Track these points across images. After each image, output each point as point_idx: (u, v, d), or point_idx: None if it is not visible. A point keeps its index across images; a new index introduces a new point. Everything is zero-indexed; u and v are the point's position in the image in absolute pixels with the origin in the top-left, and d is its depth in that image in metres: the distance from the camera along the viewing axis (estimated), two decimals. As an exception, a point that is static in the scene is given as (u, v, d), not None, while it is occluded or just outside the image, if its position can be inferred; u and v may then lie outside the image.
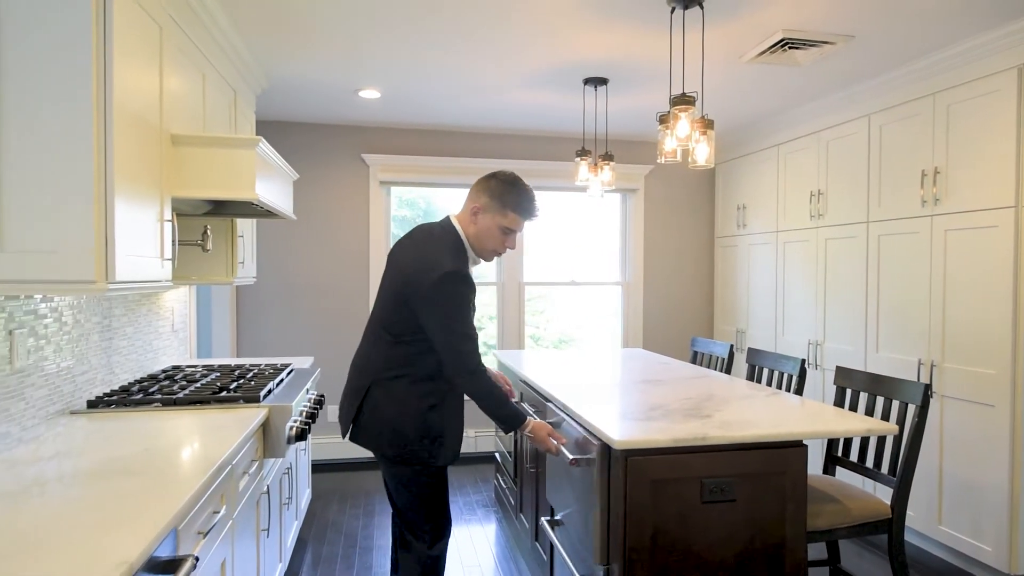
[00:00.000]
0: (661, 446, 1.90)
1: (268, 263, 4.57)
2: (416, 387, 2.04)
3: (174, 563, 1.27)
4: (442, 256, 2.02)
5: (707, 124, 2.45)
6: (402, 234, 2.32)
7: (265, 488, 2.25)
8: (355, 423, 2.09)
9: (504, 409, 2.06)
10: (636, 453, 1.90)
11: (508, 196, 2.11)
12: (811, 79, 3.50)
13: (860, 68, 3.30)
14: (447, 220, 2.17)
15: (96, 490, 1.40)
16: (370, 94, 3.86)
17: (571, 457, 2.12)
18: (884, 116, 3.46)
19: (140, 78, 1.90)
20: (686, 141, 2.46)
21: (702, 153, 2.48)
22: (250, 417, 2.10)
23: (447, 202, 5.05)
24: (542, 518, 2.58)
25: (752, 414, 2.20)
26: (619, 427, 1.99)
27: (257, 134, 4.52)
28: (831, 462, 2.58)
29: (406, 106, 4.15)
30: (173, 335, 3.26)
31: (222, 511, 1.66)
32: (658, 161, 2.60)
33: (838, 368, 2.63)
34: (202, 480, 1.46)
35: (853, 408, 2.55)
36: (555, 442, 2.14)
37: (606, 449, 1.96)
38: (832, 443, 2.57)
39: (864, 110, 3.59)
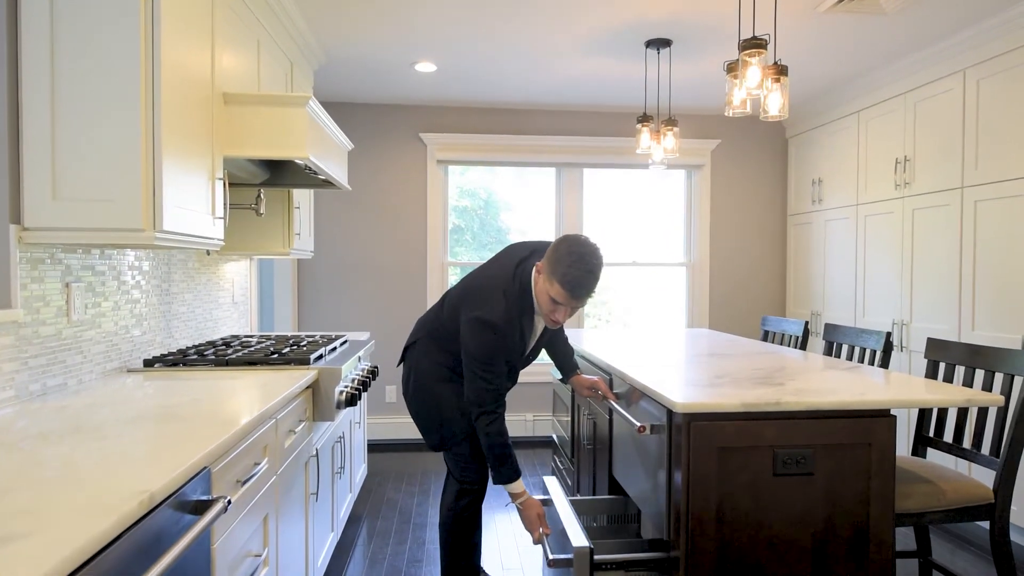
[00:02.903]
0: (728, 411, 1.73)
1: (329, 241, 4.60)
2: (440, 359, 2.26)
3: (205, 504, 1.22)
4: (494, 299, 2.07)
5: (780, 70, 2.25)
6: (463, 224, 2.48)
7: (314, 451, 2.21)
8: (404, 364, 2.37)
9: (500, 463, 2.07)
10: (700, 418, 1.74)
11: (559, 266, 1.99)
12: (896, 32, 3.21)
13: (953, 16, 3.00)
14: (531, 265, 2.15)
15: (138, 432, 1.37)
16: (426, 67, 3.81)
17: (638, 424, 1.98)
18: (981, 70, 3.14)
19: (190, 34, 1.89)
20: (757, 90, 2.26)
21: (775, 103, 2.28)
22: (298, 377, 2.07)
23: (508, 193, 4.95)
24: (599, 496, 2.45)
25: (831, 383, 2.00)
26: (682, 392, 1.84)
27: (317, 114, 4.56)
28: (921, 442, 2.34)
29: (463, 80, 4.08)
30: (233, 307, 3.30)
31: (264, 464, 1.61)
32: (726, 114, 2.41)
33: (930, 340, 2.38)
34: (239, 425, 1.41)
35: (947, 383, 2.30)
36: (540, 530, 2.08)
37: (668, 415, 1.81)
38: (923, 421, 2.33)
39: (958, 65, 3.27)
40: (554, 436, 3.84)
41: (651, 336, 3.36)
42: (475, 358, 2.05)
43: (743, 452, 1.76)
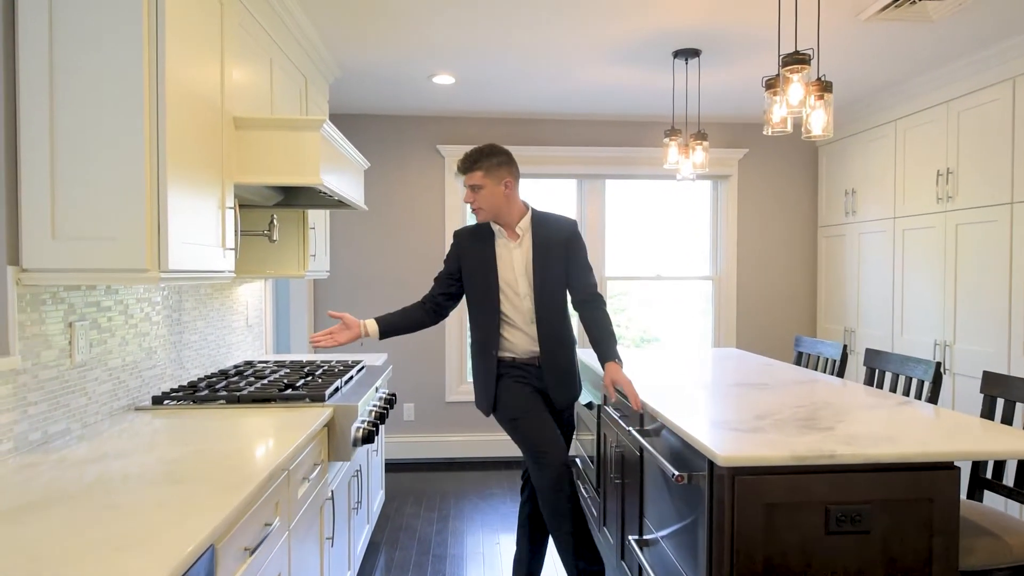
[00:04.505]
0: (776, 464, 1.59)
1: (344, 258, 4.51)
2: None
3: (208, 589, 1.11)
4: None
5: (824, 87, 2.10)
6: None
7: (329, 493, 2.10)
8: None
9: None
10: (745, 472, 1.60)
11: None
12: (942, 39, 3.03)
13: (1002, 22, 2.82)
14: None
15: (137, 498, 1.27)
16: (444, 80, 3.69)
17: (675, 473, 1.84)
18: (1034, 78, 2.95)
19: (197, 56, 1.78)
20: (799, 108, 2.12)
21: (818, 121, 2.13)
22: (313, 418, 1.96)
23: (530, 197, 4.82)
24: (630, 536, 2.31)
25: (883, 427, 1.85)
26: (722, 439, 1.70)
27: (333, 127, 4.47)
28: (978, 485, 2.17)
29: (482, 92, 3.96)
30: (247, 330, 3.20)
31: (275, 523, 1.50)
32: (764, 133, 2.26)
33: (987, 374, 2.21)
34: (246, 492, 1.29)
35: (1006, 422, 2.13)
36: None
37: (709, 465, 1.68)
38: (979, 463, 2.16)
39: (1006, 72, 3.08)
40: (576, 459, 3.70)
41: (679, 359, 3.22)
42: None
43: (793, 508, 1.62)
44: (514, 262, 2.39)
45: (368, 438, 2.24)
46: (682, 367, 2.98)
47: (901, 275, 3.84)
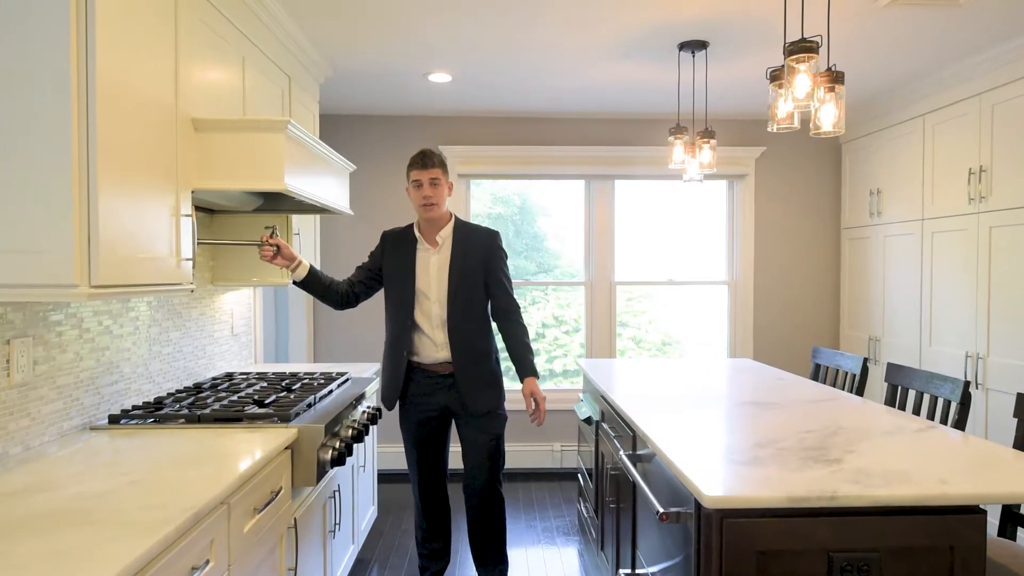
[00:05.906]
0: (771, 506, 1.40)
1: (340, 262, 4.39)
2: None
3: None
4: None
5: (834, 78, 1.90)
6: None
7: (292, 522, 1.96)
8: None
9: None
10: (736, 514, 1.41)
11: (408, 164, 2.54)
12: (972, 25, 2.78)
13: (1043, 5, 2.56)
14: None
15: (33, 545, 1.14)
16: (440, 78, 3.54)
17: (659, 510, 1.66)
18: (1077, 66, 2.69)
19: (141, 52, 1.65)
20: (806, 102, 1.91)
21: (828, 116, 1.92)
22: (269, 442, 1.81)
23: (541, 197, 4.67)
24: (622, 570, 2.13)
25: (900, 459, 1.64)
26: (712, 475, 1.51)
27: (325, 129, 4.36)
28: (1010, 520, 1.94)
29: (481, 90, 3.80)
30: (233, 340, 3.09)
31: (208, 564, 1.36)
32: (769, 129, 2.06)
33: (1021, 396, 1.98)
34: (152, 542, 1.15)
35: (1044, 451, 1.90)
36: None
37: (696, 504, 1.49)
38: (1013, 496, 1.93)
39: (1046, 61, 2.82)
40: (579, 476, 3.53)
41: (690, 370, 3.01)
42: None
43: (790, 556, 1.42)
44: (431, 268, 2.50)
45: (339, 460, 2.09)
46: (690, 380, 2.78)
47: (930, 280, 3.58)
